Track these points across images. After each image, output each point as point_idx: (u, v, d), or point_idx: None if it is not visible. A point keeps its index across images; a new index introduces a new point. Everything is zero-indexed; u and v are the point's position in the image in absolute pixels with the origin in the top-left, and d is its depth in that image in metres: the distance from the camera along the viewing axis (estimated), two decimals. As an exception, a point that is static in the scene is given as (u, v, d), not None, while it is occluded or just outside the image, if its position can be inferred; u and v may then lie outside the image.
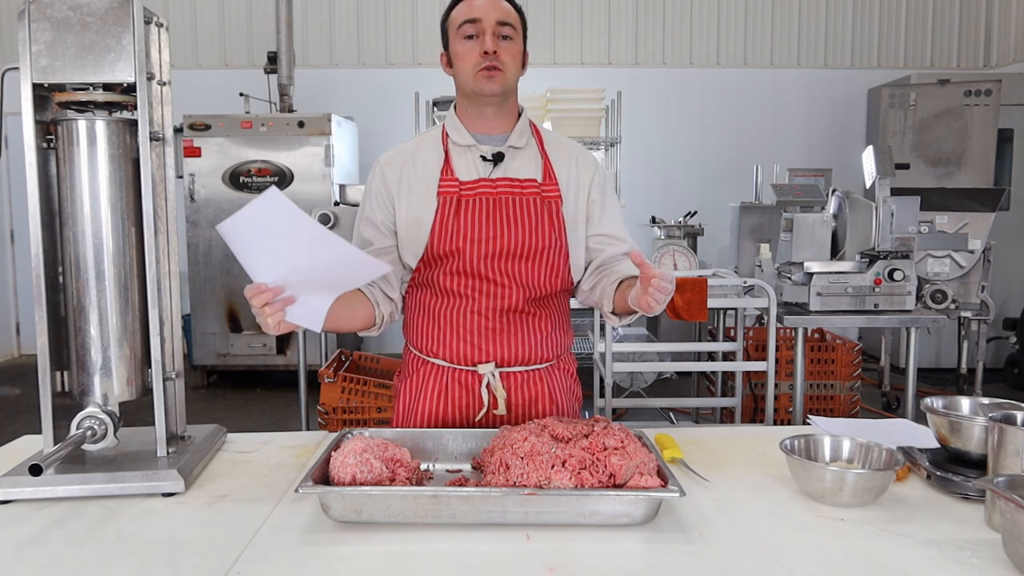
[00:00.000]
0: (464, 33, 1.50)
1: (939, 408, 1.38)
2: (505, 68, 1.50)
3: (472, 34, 1.50)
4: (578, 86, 5.20)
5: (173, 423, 1.47)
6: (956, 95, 5.29)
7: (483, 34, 1.49)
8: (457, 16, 1.52)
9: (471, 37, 1.50)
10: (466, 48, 1.50)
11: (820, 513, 1.24)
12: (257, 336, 5.52)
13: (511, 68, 1.52)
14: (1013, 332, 5.52)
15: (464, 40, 1.51)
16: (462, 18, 1.51)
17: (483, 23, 1.49)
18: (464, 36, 1.50)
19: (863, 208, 3.28)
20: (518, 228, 1.53)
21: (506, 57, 1.50)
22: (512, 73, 1.53)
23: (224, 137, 5.43)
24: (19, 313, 6.90)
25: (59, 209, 1.39)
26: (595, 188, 1.63)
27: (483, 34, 1.49)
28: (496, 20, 1.49)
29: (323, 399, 3.45)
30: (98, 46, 1.32)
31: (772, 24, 6.68)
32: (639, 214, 6.00)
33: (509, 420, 1.58)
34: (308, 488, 1.15)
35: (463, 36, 1.51)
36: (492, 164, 1.57)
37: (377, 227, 1.58)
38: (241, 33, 6.60)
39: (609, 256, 1.62)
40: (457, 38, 1.52)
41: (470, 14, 1.50)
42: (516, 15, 1.54)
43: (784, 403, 3.83)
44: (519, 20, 1.54)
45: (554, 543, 1.12)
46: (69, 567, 1.07)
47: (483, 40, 1.49)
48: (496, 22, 1.49)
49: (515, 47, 1.53)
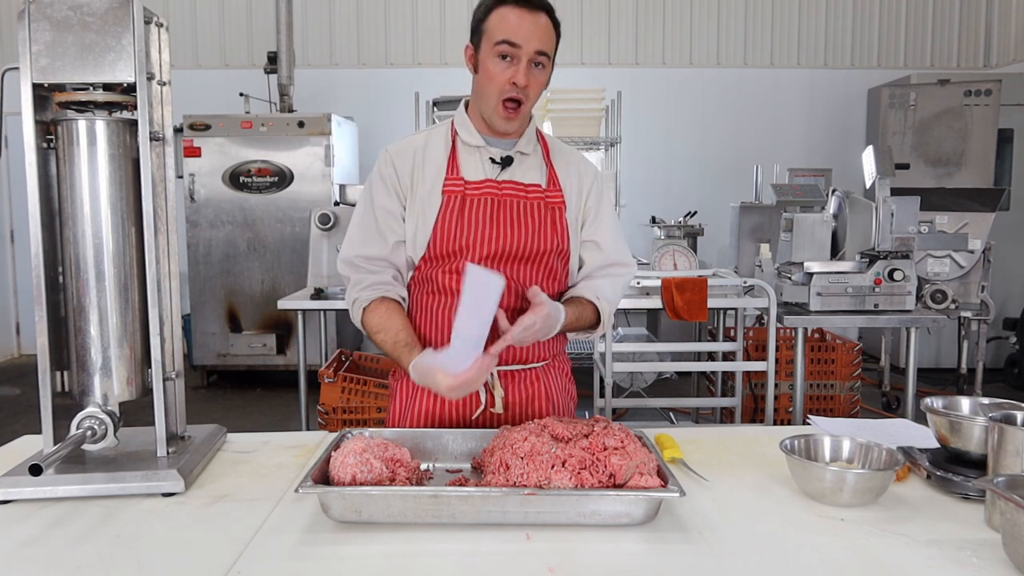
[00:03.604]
0: (499, 52, 1.45)
1: (939, 408, 1.38)
2: (527, 100, 1.49)
3: (507, 55, 1.45)
4: (578, 86, 5.20)
5: (173, 423, 1.47)
6: (956, 95, 5.29)
7: (518, 61, 1.44)
8: (495, 29, 1.45)
9: (505, 57, 1.45)
10: (498, 69, 1.46)
11: (820, 513, 1.24)
12: (257, 336, 5.52)
13: (533, 99, 1.50)
14: (1013, 332, 5.52)
15: (497, 59, 1.45)
16: (500, 36, 1.43)
17: (521, 50, 1.43)
18: (498, 55, 1.45)
19: (863, 208, 3.28)
20: (521, 230, 1.53)
21: (532, 90, 1.48)
22: (531, 104, 1.51)
23: (224, 137, 5.43)
24: (19, 313, 6.90)
25: (59, 209, 1.38)
26: (592, 195, 1.64)
27: (518, 61, 1.44)
28: (535, 49, 1.44)
29: (323, 399, 3.45)
30: (98, 46, 1.32)
31: (772, 24, 6.68)
32: (639, 214, 6.00)
33: (506, 419, 1.58)
34: (308, 488, 1.15)
35: (498, 54, 1.45)
36: (500, 167, 1.57)
37: (396, 217, 1.56)
38: (241, 33, 6.60)
39: (586, 271, 1.64)
40: (491, 53, 1.46)
41: (510, 35, 1.43)
42: (554, 37, 1.49)
43: (784, 403, 3.83)
44: (555, 41, 1.50)
45: (554, 543, 1.12)
46: (69, 567, 1.07)
47: (517, 68, 1.44)
48: (535, 51, 1.44)
49: (544, 75, 1.50)
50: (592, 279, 1.63)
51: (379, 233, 1.56)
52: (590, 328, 1.61)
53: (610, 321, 1.64)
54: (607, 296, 1.61)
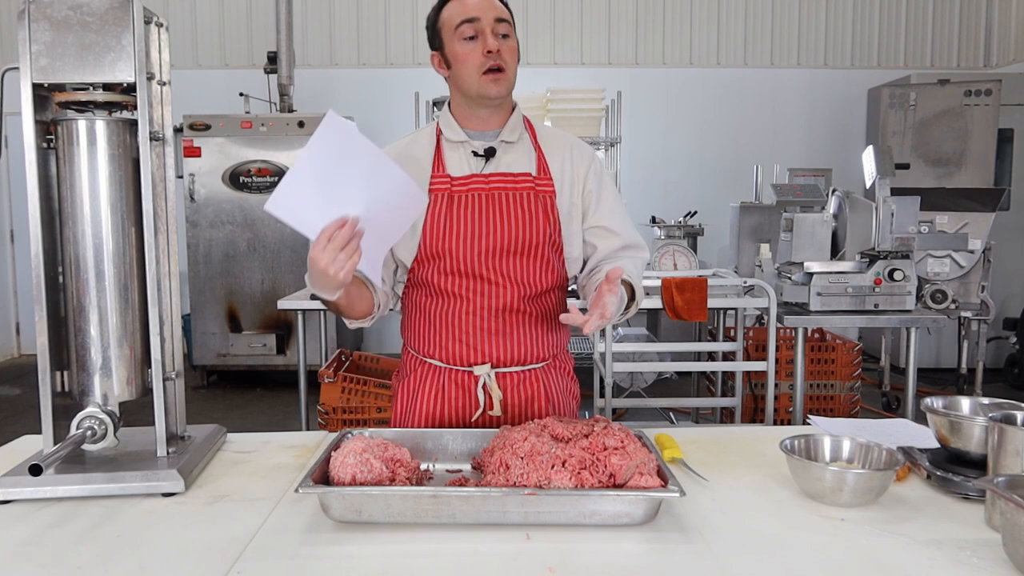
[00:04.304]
0: (463, 34, 1.49)
1: (939, 408, 1.38)
2: (507, 68, 1.51)
3: (472, 35, 1.49)
4: (578, 86, 5.20)
5: (173, 423, 1.47)
6: (956, 95, 5.29)
7: (483, 33, 1.48)
8: (452, 16, 1.51)
9: (472, 38, 1.49)
10: (467, 49, 1.49)
11: (820, 513, 1.23)
12: (257, 336, 5.52)
13: (512, 67, 1.52)
14: (1013, 332, 5.52)
15: (464, 41, 1.49)
16: (459, 18, 1.49)
17: (482, 22, 1.48)
18: (463, 37, 1.49)
19: (863, 208, 3.28)
20: (512, 223, 1.52)
21: (507, 56, 1.51)
22: (513, 71, 1.53)
23: (224, 137, 5.43)
24: (19, 313, 6.90)
25: (59, 209, 1.38)
26: (591, 179, 1.61)
27: (483, 33, 1.48)
28: (494, 18, 1.49)
29: (323, 399, 3.45)
30: (98, 46, 1.32)
31: (772, 24, 6.68)
32: (639, 214, 5.99)
33: (506, 420, 1.57)
34: (308, 488, 1.15)
35: (462, 37, 1.49)
36: (484, 160, 1.56)
37: None
38: (241, 33, 6.60)
39: (602, 255, 1.62)
40: (455, 39, 1.50)
41: (467, 13, 1.49)
42: (507, 11, 1.54)
43: (784, 403, 3.83)
44: (511, 16, 1.55)
45: (554, 543, 1.12)
46: (69, 567, 1.07)
47: (484, 40, 1.48)
48: (495, 19, 1.49)
49: (513, 44, 1.53)
50: (614, 260, 1.60)
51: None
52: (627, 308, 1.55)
53: (642, 298, 1.59)
54: (635, 275, 1.57)
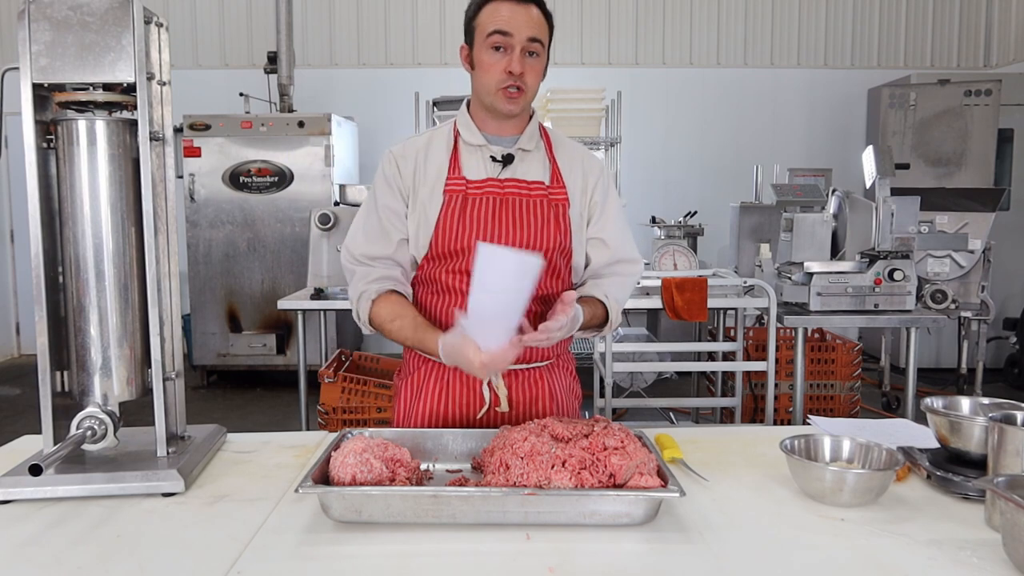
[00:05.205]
0: (492, 43, 1.46)
1: (939, 408, 1.38)
2: (527, 89, 1.49)
3: (500, 46, 1.46)
4: (578, 86, 5.19)
5: (173, 423, 1.47)
6: (956, 95, 5.29)
7: (511, 50, 1.45)
8: (487, 22, 1.47)
9: (499, 49, 1.46)
10: (492, 60, 1.47)
11: (820, 513, 1.23)
12: (257, 336, 5.52)
13: (532, 88, 1.50)
14: (1013, 332, 5.51)
15: (491, 51, 1.47)
16: (492, 27, 1.45)
17: (514, 39, 1.44)
18: (492, 46, 1.46)
19: (863, 208, 3.28)
20: (524, 229, 1.53)
21: (530, 78, 1.48)
22: (533, 92, 1.51)
23: (224, 137, 5.43)
24: (19, 313, 6.89)
25: (59, 209, 1.39)
26: (598, 190, 1.63)
27: (511, 50, 1.45)
28: (527, 37, 1.45)
29: (323, 399, 3.45)
30: (98, 46, 1.32)
31: (772, 24, 6.68)
32: (639, 214, 5.99)
33: (510, 418, 1.58)
34: (308, 488, 1.15)
35: (491, 46, 1.46)
36: (501, 165, 1.57)
37: (399, 215, 1.57)
38: (241, 33, 6.60)
39: (592, 269, 1.64)
40: (484, 46, 1.47)
41: (501, 25, 1.44)
42: (546, 27, 1.50)
43: (784, 403, 3.83)
44: (548, 31, 1.50)
45: (554, 543, 1.12)
46: (69, 567, 1.07)
47: (511, 58, 1.45)
48: (528, 38, 1.45)
49: (540, 64, 1.51)
50: (600, 278, 1.63)
51: (383, 232, 1.57)
52: (599, 327, 1.61)
53: (618, 321, 1.63)
54: (616, 296, 1.60)
